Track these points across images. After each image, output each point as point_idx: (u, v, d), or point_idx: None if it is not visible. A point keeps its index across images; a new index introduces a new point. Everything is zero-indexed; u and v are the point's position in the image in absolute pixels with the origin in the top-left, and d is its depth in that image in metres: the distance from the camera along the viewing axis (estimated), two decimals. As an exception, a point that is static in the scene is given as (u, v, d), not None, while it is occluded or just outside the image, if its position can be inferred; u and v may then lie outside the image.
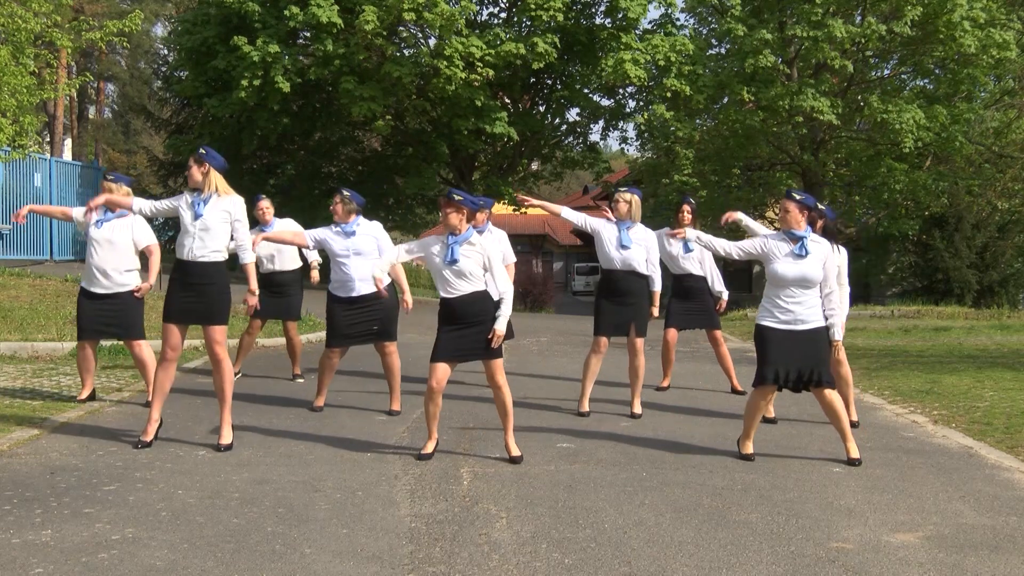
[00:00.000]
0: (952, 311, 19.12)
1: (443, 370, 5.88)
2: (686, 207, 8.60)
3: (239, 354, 8.97)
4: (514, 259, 8.49)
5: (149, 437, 6.11)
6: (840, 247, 7.07)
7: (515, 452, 5.97)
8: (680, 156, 22.13)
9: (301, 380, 8.94)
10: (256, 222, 8.85)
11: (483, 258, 5.89)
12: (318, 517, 4.72)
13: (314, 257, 8.98)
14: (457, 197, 5.90)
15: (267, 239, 7.51)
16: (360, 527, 4.58)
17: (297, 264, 8.92)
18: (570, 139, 27.13)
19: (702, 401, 8.39)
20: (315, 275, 9.09)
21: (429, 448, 6.01)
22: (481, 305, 5.89)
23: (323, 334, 12.47)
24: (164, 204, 6.24)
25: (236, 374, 8.85)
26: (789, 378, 5.93)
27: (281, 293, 8.78)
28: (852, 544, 4.48)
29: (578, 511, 4.90)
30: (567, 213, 7.56)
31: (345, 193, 7.41)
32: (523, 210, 28.63)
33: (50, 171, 20.15)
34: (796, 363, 5.89)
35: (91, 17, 16.27)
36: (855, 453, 6.03)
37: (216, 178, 6.08)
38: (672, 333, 8.73)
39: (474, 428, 6.91)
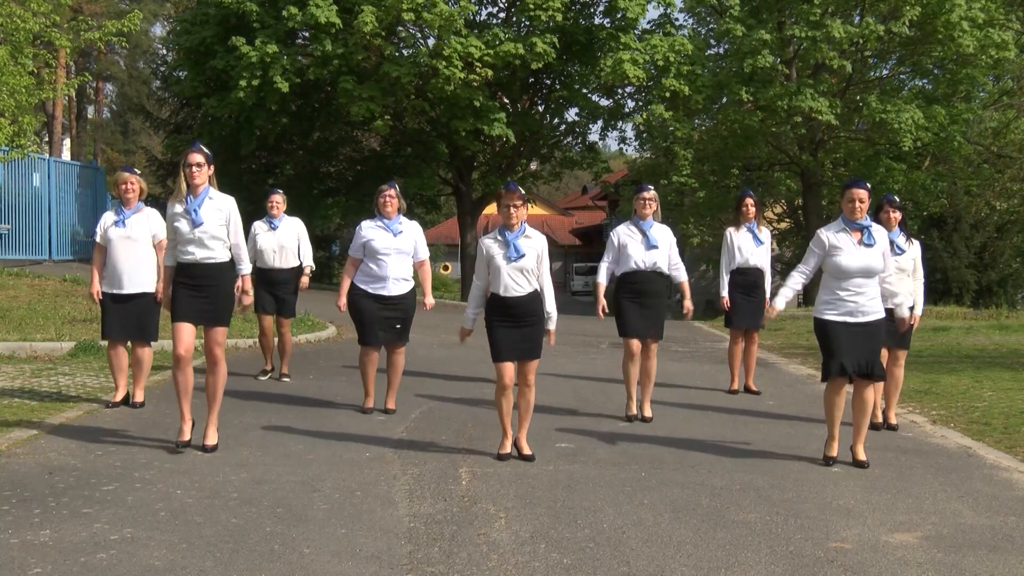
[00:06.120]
0: (951, 311, 19.13)
1: (511, 367, 5.93)
2: (748, 200, 8.61)
3: (267, 355, 9.02)
4: None
5: (186, 437, 6.06)
6: (913, 240, 7.11)
7: (527, 451, 5.99)
8: (679, 156, 22.13)
9: (287, 379, 8.88)
10: (263, 213, 8.90)
11: (536, 252, 5.91)
12: (317, 517, 4.72)
13: (308, 263, 9.02)
14: (521, 190, 5.92)
15: (341, 307, 7.36)
16: (359, 527, 4.58)
17: (296, 262, 8.94)
18: (569, 139, 27.13)
19: (701, 401, 8.39)
20: (305, 280, 9.10)
21: (506, 447, 6.01)
22: (537, 304, 5.94)
23: (322, 334, 12.54)
24: (168, 231, 6.18)
25: (268, 374, 8.96)
26: (854, 369, 5.86)
27: (278, 289, 8.78)
28: (851, 544, 4.48)
29: (577, 511, 4.90)
30: (602, 277, 7.46)
31: (397, 188, 7.40)
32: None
33: (48, 171, 20.14)
34: (856, 354, 5.83)
35: (90, 17, 16.24)
36: (862, 456, 5.97)
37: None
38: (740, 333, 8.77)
39: (473, 428, 6.90)
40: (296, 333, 12.01)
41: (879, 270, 5.90)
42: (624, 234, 7.32)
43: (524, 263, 5.84)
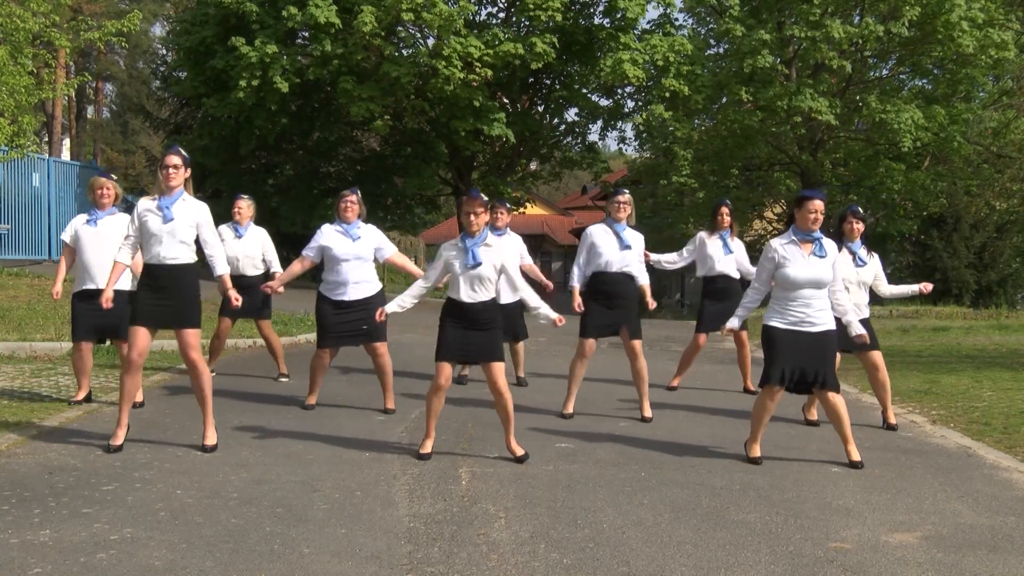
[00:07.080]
0: (950, 311, 19.12)
1: (449, 368, 5.91)
2: (724, 209, 8.73)
3: (212, 356, 8.86)
4: (530, 260, 8.56)
5: (119, 441, 5.99)
6: (873, 253, 7.11)
7: (519, 452, 5.98)
8: (679, 156, 22.13)
9: (286, 379, 8.89)
10: (230, 220, 8.80)
11: (499, 259, 5.88)
12: (316, 517, 4.72)
13: (276, 268, 8.85)
14: (484, 196, 5.92)
15: (274, 288, 7.55)
16: (358, 527, 4.58)
17: (261, 270, 8.85)
18: (569, 139, 27.12)
19: (701, 401, 8.39)
20: (275, 284, 8.91)
21: (427, 447, 6.00)
22: (492, 313, 5.92)
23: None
24: (133, 237, 6.07)
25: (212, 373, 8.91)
26: (794, 379, 5.87)
27: (248, 293, 8.69)
28: (850, 544, 4.48)
29: (577, 511, 4.90)
30: (576, 282, 7.46)
31: (358, 195, 7.42)
32: (521, 210, 28.63)
33: (48, 171, 20.16)
34: (802, 364, 5.82)
35: (89, 17, 16.27)
36: (856, 456, 5.99)
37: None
38: (703, 338, 8.75)
39: (473, 428, 6.90)
40: (295, 333, 12.03)
41: (828, 282, 5.86)
42: (598, 234, 7.36)
43: (481, 271, 5.80)
